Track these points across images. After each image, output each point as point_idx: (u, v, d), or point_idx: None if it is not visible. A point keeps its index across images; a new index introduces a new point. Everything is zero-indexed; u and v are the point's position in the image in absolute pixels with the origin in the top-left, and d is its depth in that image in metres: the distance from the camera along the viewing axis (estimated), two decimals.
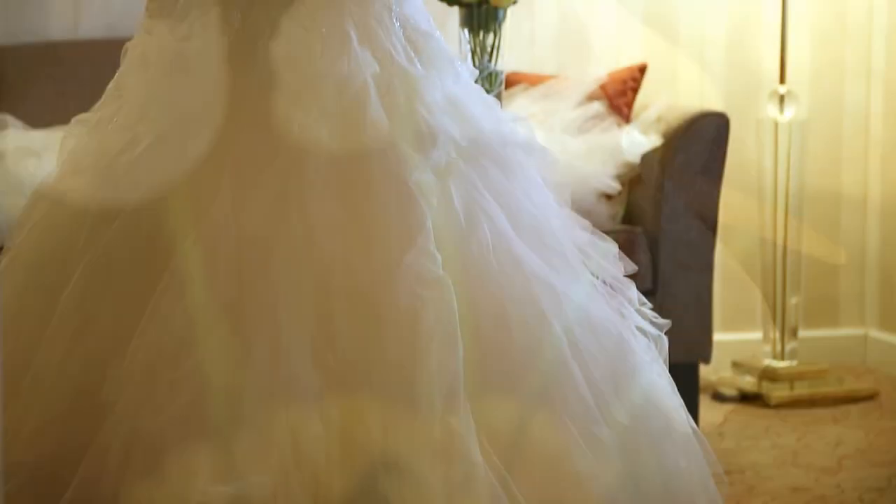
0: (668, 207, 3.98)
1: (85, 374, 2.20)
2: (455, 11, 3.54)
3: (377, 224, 2.22)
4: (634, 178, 4.03)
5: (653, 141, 4.01)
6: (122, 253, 2.24)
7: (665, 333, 2.44)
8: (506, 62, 3.49)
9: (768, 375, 4.41)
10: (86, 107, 2.47)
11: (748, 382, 4.42)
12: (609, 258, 2.44)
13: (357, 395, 2.14)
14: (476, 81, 2.47)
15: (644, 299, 2.47)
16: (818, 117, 4.68)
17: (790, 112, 4.46)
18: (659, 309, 2.58)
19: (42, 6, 4.18)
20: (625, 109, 4.18)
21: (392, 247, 2.20)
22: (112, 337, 2.20)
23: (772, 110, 4.48)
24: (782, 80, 4.48)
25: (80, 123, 2.43)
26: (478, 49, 3.42)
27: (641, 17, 4.61)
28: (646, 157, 4.02)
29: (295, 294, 2.16)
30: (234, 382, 2.11)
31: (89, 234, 2.28)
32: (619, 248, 2.46)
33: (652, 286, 3.97)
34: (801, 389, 4.38)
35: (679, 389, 2.43)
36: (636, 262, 2.50)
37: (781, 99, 4.47)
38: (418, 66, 2.36)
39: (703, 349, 4.05)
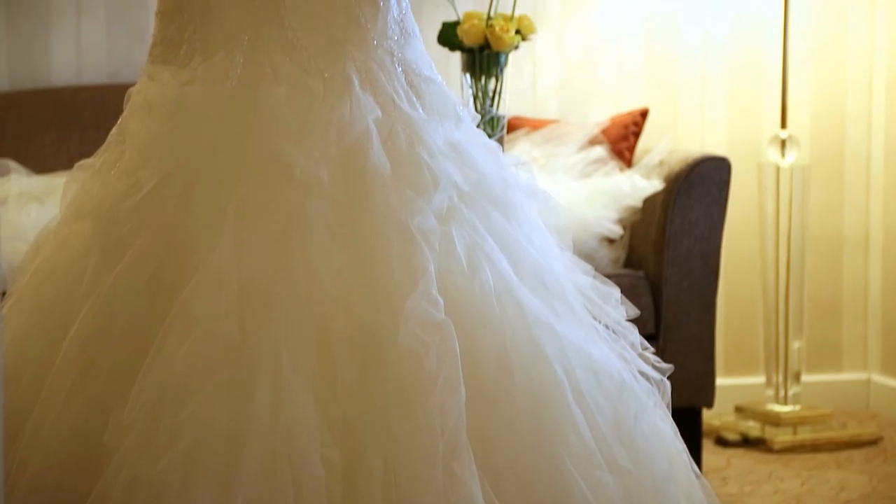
0: (670, 251, 3.98)
1: (86, 419, 2.19)
2: (457, 56, 3.55)
3: (379, 268, 2.22)
4: (636, 222, 4.04)
5: (655, 185, 4.02)
6: (124, 298, 2.24)
7: (668, 378, 2.44)
8: (508, 107, 3.49)
9: (771, 420, 4.40)
10: (88, 152, 2.47)
11: (751, 427, 4.41)
12: (611, 302, 2.44)
13: (359, 438, 2.13)
14: (478, 126, 2.48)
15: (646, 343, 2.46)
16: (819, 162, 4.69)
17: (792, 157, 4.47)
18: (661, 353, 2.58)
19: (45, 52, 4.20)
20: (626, 154, 4.18)
21: (394, 291, 2.19)
22: (114, 382, 2.19)
23: (773, 155, 4.48)
24: (783, 124, 4.49)
25: (83, 169, 2.43)
26: (480, 94, 3.43)
27: (642, 62, 4.63)
28: (648, 202, 4.02)
29: (297, 337, 2.16)
30: (235, 427, 2.11)
31: (92, 278, 2.28)
32: (622, 291, 2.46)
33: (654, 330, 3.97)
34: (805, 434, 4.37)
35: (682, 434, 2.43)
36: (638, 306, 2.50)
37: (783, 144, 4.48)
38: (420, 110, 2.37)
39: (706, 393, 4.05)
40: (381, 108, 2.33)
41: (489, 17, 3.44)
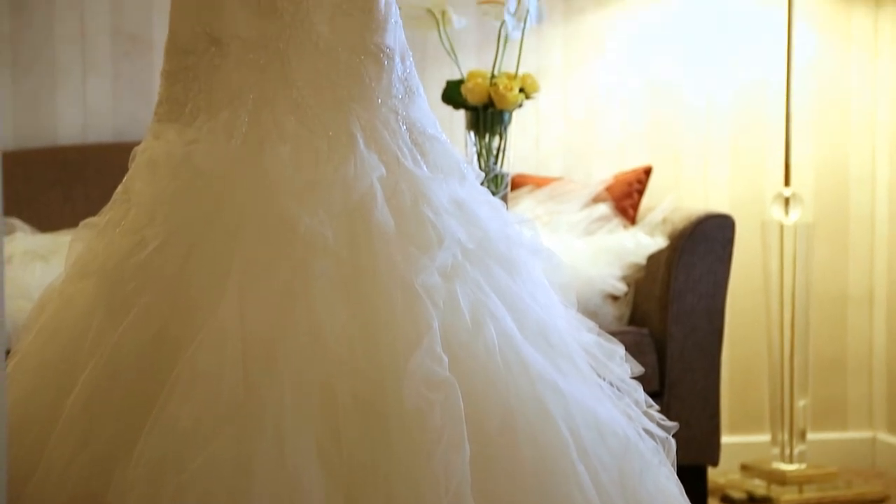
0: (674, 309, 3.98)
1: (90, 478, 2.19)
2: (461, 114, 3.56)
3: (383, 325, 2.22)
4: (640, 280, 4.04)
5: (658, 242, 4.02)
6: (128, 356, 2.23)
7: (672, 435, 2.43)
8: (511, 164, 3.50)
9: (777, 478, 4.38)
10: (93, 210, 2.48)
11: (757, 485, 4.39)
12: (615, 360, 2.43)
13: (363, 496, 2.13)
14: (482, 183, 2.49)
15: (651, 401, 2.46)
16: (823, 219, 4.69)
17: (795, 214, 4.47)
18: (666, 411, 2.57)
19: (51, 111, 4.22)
20: (630, 211, 4.19)
21: (398, 348, 2.19)
22: (118, 440, 2.19)
23: (777, 212, 4.49)
24: (787, 182, 4.50)
25: (88, 227, 2.44)
26: (484, 151, 3.44)
27: (645, 122, 4.64)
28: (652, 259, 4.02)
29: (301, 394, 2.15)
30: (239, 485, 2.10)
31: (96, 336, 2.28)
32: (626, 349, 2.46)
33: (659, 388, 3.96)
34: (811, 493, 4.34)
35: (687, 492, 2.42)
36: (643, 364, 2.49)
37: (786, 201, 4.48)
38: (424, 168, 2.38)
39: (711, 451, 4.03)
40: (385, 166, 2.34)
41: (493, 76, 3.45)
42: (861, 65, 4.71)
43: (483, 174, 2.53)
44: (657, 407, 2.46)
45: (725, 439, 4.28)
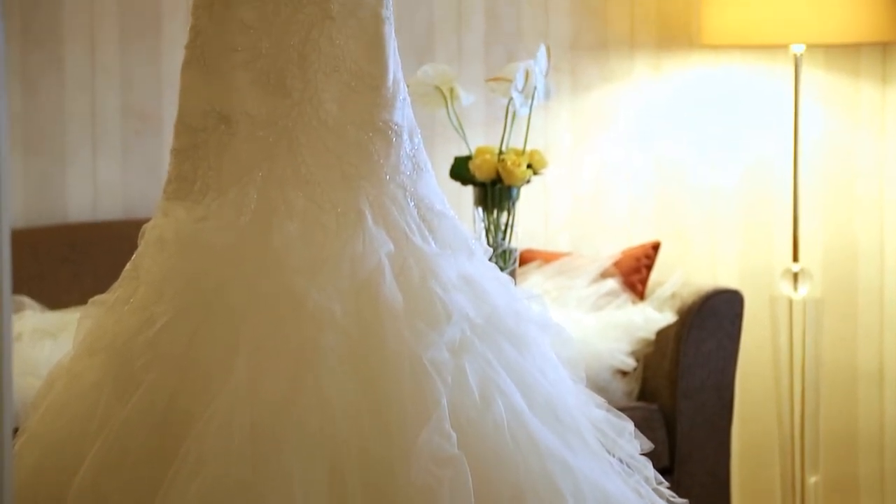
0: (683, 384, 3.97)
1: None
2: (469, 190, 3.57)
3: (392, 401, 2.21)
4: (649, 355, 4.03)
5: (667, 318, 4.01)
6: (136, 432, 2.23)
7: None
8: (520, 239, 3.51)
9: None
10: (103, 288, 2.48)
11: None
12: (625, 436, 2.43)
13: None
14: (490, 259, 2.49)
15: (661, 478, 2.45)
16: (832, 294, 4.69)
17: (804, 289, 4.47)
18: (676, 487, 2.56)
19: (61, 189, 4.23)
20: (639, 286, 4.19)
21: (407, 424, 2.19)
22: None
23: (786, 288, 4.48)
24: (795, 258, 4.50)
25: (97, 304, 2.44)
26: (492, 227, 3.44)
27: (653, 198, 4.65)
28: (661, 334, 4.01)
29: (309, 471, 2.15)
30: None
31: (104, 413, 2.27)
32: (635, 424, 2.45)
33: (669, 464, 3.94)
34: None
35: None
36: (652, 440, 2.49)
37: (795, 276, 4.48)
38: (433, 244, 2.39)
39: None
40: (393, 242, 2.35)
41: (501, 152, 3.47)
42: (868, 140, 4.73)
43: (491, 249, 2.53)
44: (667, 484, 2.45)
45: None
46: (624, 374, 4.00)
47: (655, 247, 4.29)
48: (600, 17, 4.60)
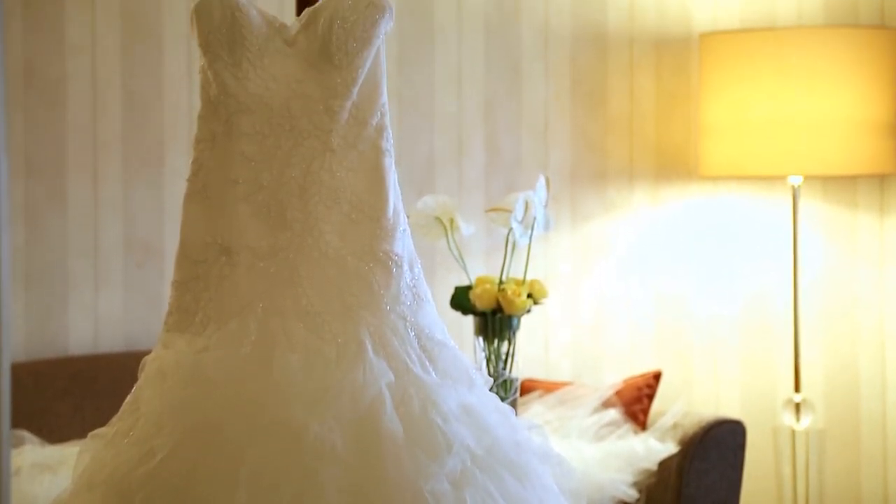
0: None
1: None
2: (470, 320, 3.58)
3: None
4: (652, 486, 4.00)
5: (669, 448, 4.00)
6: None
7: None
8: (520, 369, 3.50)
9: None
10: (102, 420, 2.48)
11: None
12: None
13: None
14: (491, 389, 2.49)
15: None
16: (835, 425, 4.67)
17: (807, 420, 4.46)
18: None
19: (63, 322, 4.24)
20: (641, 416, 4.17)
21: None
22: None
23: (788, 418, 4.47)
24: (797, 388, 4.49)
25: (96, 438, 2.43)
26: (492, 356, 3.44)
27: (654, 324, 4.66)
28: (663, 465, 3.99)
29: None
30: None
31: None
32: None
33: None
34: None
35: None
36: None
37: (797, 407, 4.47)
38: (433, 374, 2.39)
39: None
40: (394, 372, 2.35)
41: (501, 282, 3.47)
42: (868, 270, 4.74)
43: (492, 379, 2.53)
44: None
45: None
46: None
47: (657, 376, 4.28)
48: (599, 148, 4.65)
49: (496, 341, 3.46)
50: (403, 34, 4.44)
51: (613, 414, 4.13)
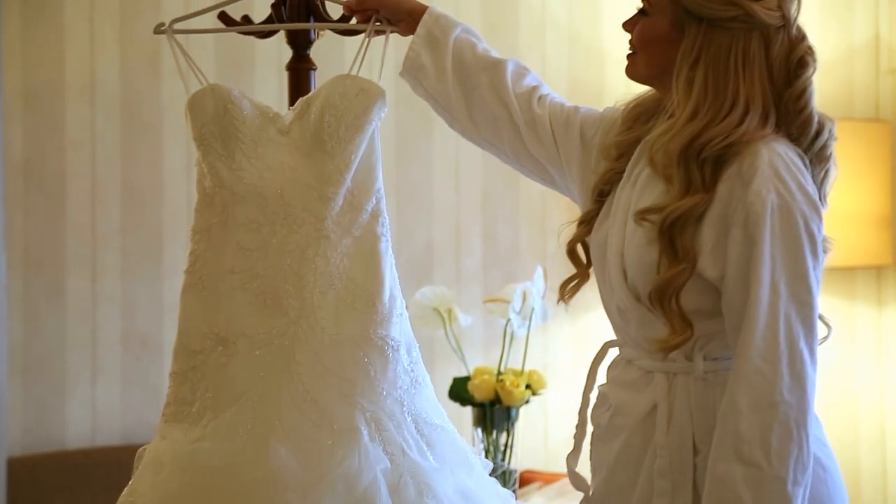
0: None
1: None
2: (468, 411, 3.57)
3: None
4: None
5: None
6: None
7: None
8: (520, 460, 3.50)
9: None
10: None
11: None
12: None
13: None
14: (490, 475, 2.48)
15: None
16: None
17: None
18: None
19: (60, 416, 4.23)
20: None
21: None
22: None
23: None
24: None
25: None
26: (491, 448, 3.44)
27: None
28: None
29: None
30: None
31: None
32: None
33: None
34: None
35: None
36: None
37: None
38: (431, 459, 2.38)
39: None
40: (389, 457, 2.34)
41: (499, 373, 3.48)
42: (867, 361, 4.73)
43: (491, 465, 2.53)
44: None
45: None
46: None
47: None
48: None
49: (495, 432, 3.45)
50: (401, 126, 4.47)
51: None
